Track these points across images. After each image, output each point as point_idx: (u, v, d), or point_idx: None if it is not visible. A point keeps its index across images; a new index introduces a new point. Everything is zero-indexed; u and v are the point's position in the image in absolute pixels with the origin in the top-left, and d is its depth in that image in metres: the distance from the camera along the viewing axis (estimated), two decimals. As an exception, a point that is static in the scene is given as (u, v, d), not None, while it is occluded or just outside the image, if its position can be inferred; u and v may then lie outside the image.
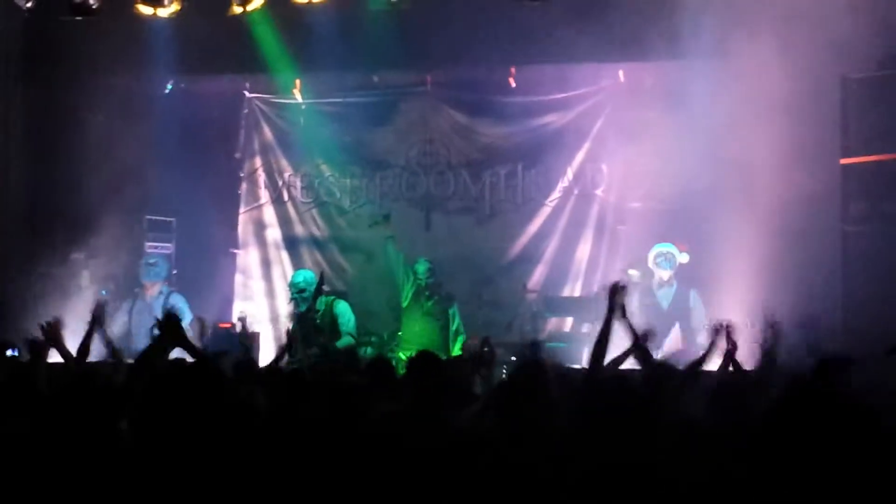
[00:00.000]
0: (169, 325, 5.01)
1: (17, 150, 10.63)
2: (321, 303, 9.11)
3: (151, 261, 10.21)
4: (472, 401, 5.65)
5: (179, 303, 9.96)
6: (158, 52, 10.48)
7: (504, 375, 7.14)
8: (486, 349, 6.65)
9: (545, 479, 4.48)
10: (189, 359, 5.70)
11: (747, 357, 5.82)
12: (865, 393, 3.49)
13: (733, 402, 4.64)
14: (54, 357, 6.10)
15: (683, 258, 9.70)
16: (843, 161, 8.46)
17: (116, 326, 9.27)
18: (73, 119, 10.52)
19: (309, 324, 8.92)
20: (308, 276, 9.24)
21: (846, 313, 8.00)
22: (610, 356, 5.30)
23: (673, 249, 9.72)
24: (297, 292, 9.03)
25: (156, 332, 5.15)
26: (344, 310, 9.26)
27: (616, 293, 5.15)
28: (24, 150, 10.67)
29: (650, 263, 9.82)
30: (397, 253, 9.95)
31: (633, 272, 9.81)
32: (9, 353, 7.13)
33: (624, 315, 5.20)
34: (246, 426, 5.02)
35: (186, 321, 9.81)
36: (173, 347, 5.15)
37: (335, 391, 4.91)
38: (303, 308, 8.95)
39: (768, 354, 5.75)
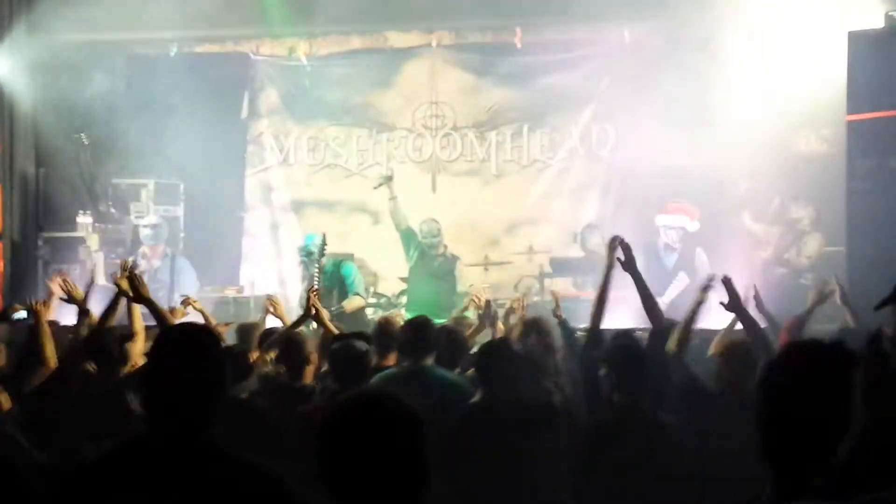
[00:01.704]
0: (131, 283, 5.06)
1: (22, 113, 10.64)
2: (328, 264, 9.14)
3: (155, 222, 10.15)
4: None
5: (186, 266, 10.00)
6: (164, 13, 10.46)
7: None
8: (488, 311, 6.68)
9: (541, 437, 4.54)
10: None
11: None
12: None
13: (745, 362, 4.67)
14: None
15: (693, 227, 9.66)
16: (849, 118, 8.41)
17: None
18: (79, 82, 10.52)
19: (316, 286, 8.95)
20: (315, 238, 9.27)
21: (851, 270, 7.99)
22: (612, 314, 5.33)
23: (684, 223, 9.65)
24: (305, 255, 9.06)
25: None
26: (350, 271, 9.29)
27: (614, 248, 5.14)
28: (30, 114, 10.67)
29: (658, 224, 9.80)
30: (400, 215, 9.95)
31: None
32: (16, 316, 7.17)
33: (634, 268, 5.19)
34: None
35: (191, 283, 9.92)
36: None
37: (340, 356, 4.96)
38: (311, 271, 8.97)
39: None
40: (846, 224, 8.43)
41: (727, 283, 5.37)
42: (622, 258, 5.15)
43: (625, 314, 6.29)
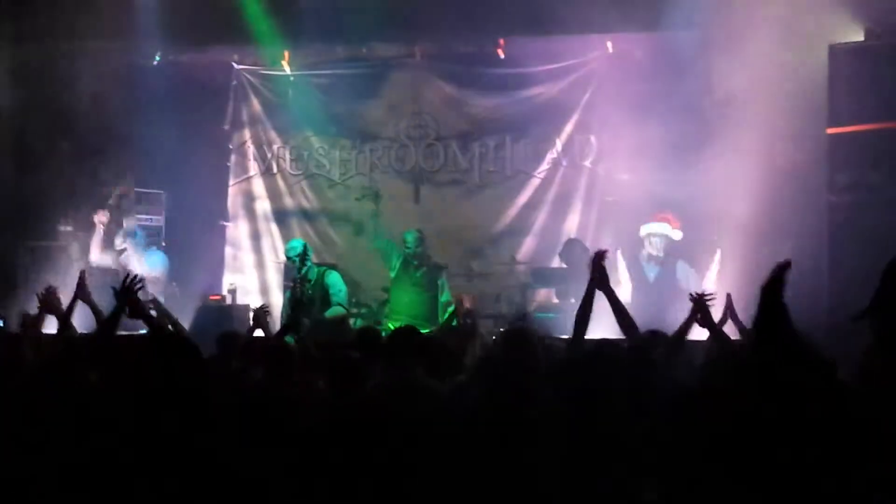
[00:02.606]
0: (127, 297, 5.04)
1: (5, 122, 10.59)
2: (313, 273, 9.15)
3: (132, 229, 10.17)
4: (460, 371, 5.71)
5: (158, 259, 9.97)
6: (147, 22, 10.46)
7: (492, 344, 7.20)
8: (467, 320, 6.69)
9: (529, 448, 4.54)
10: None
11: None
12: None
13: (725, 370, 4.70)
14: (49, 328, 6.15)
15: (676, 235, 9.67)
16: (830, 131, 8.48)
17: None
18: (61, 90, 10.47)
19: (300, 295, 8.97)
20: (304, 243, 9.37)
21: (832, 283, 8.04)
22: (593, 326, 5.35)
23: (667, 230, 9.66)
24: (295, 255, 9.10)
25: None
26: (335, 280, 9.29)
27: (600, 263, 5.17)
28: (12, 122, 10.62)
29: (642, 234, 9.81)
30: (380, 228, 9.87)
31: None
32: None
33: (607, 285, 5.22)
34: (231, 400, 5.07)
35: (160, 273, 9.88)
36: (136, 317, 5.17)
37: (332, 366, 4.95)
38: (294, 275, 9.01)
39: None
40: (827, 237, 8.48)
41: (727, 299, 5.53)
42: (598, 274, 5.18)
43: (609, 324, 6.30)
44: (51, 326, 6.19)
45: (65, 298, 6.19)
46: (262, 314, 6.68)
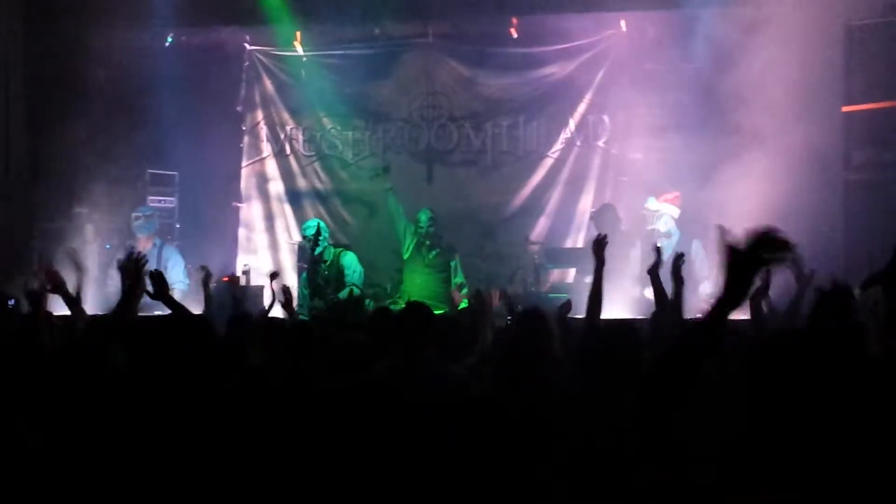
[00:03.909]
0: (156, 281, 5.05)
1: (18, 104, 10.59)
2: (329, 254, 9.17)
3: (148, 213, 10.17)
4: (471, 352, 5.69)
5: (173, 254, 9.98)
6: (158, 3, 10.45)
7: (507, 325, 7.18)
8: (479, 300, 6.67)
9: (541, 432, 4.53)
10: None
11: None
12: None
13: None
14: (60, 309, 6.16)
15: (675, 213, 9.60)
16: (846, 109, 8.43)
17: (110, 280, 9.33)
18: (74, 72, 10.48)
19: (316, 275, 9.00)
20: (319, 223, 9.39)
21: (847, 260, 8.00)
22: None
23: (655, 205, 9.59)
24: (310, 235, 9.12)
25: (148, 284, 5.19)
26: (351, 262, 9.33)
27: (601, 247, 5.15)
28: (25, 104, 10.64)
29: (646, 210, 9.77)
30: (397, 205, 9.97)
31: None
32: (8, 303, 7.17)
33: (656, 272, 5.20)
34: (238, 382, 5.06)
35: (180, 271, 9.92)
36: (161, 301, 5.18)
37: (339, 348, 4.94)
38: (316, 252, 9.03)
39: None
40: (842, 215, 8.44)
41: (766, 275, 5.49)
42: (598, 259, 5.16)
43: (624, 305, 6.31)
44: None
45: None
46: (287, 292, 6.70)
